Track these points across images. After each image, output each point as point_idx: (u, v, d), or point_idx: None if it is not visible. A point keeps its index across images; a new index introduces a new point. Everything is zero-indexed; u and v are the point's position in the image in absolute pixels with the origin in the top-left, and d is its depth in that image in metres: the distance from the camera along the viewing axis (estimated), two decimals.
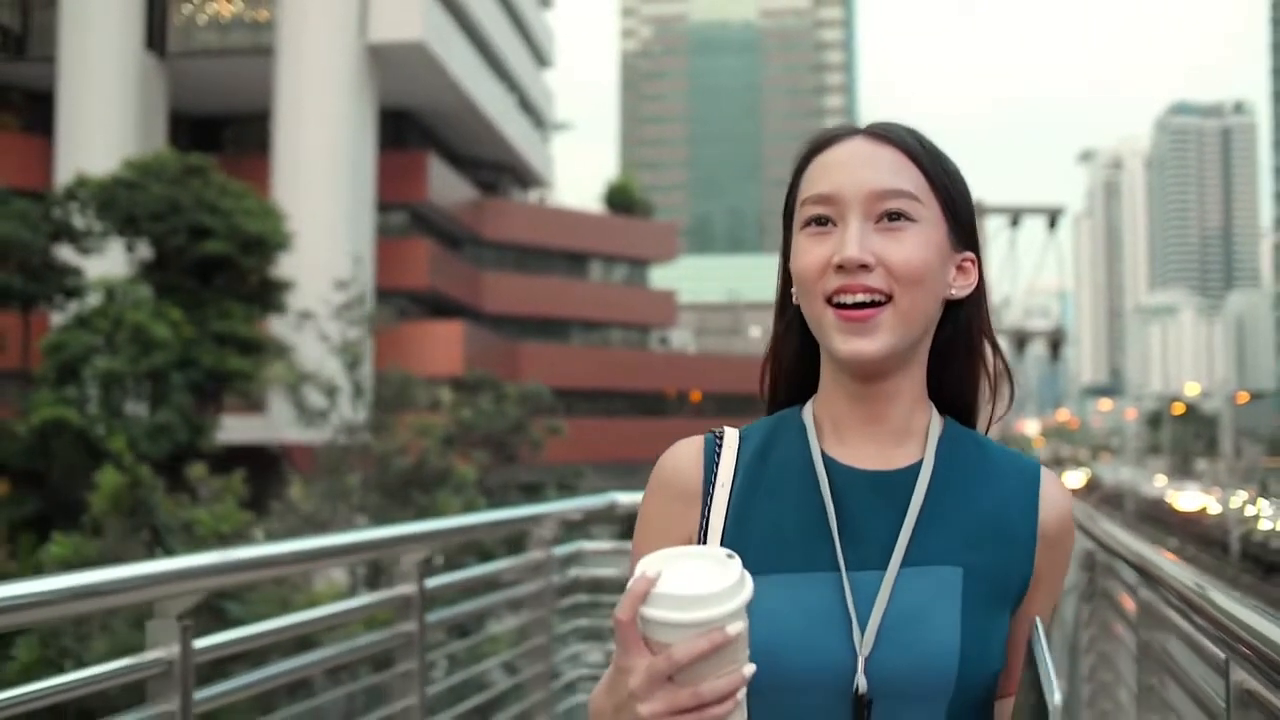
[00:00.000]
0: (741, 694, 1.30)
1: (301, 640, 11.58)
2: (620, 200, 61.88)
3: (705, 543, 1.54)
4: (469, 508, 21.97)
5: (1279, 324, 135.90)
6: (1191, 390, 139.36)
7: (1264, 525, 53.57)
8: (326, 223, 37.37)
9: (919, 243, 1.50)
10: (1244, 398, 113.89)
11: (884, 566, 1.49)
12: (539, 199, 62.93)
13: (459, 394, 32.84)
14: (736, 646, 1.29)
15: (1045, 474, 1.59)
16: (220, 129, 44.56)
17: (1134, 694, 4.38)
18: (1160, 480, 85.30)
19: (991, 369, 1.63)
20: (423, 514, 21.71)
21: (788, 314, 1.63)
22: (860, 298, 1.48)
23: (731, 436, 1.61)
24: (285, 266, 31.76)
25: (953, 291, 1.56)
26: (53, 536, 19.44)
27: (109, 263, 30.31)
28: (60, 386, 26.16)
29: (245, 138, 44.02)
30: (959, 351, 1.60)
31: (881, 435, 1.55)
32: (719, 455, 1.59)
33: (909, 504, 1.52)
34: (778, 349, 1.67)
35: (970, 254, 1.58)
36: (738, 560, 1.31)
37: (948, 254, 1.54)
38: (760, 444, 1.60)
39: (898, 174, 1.51)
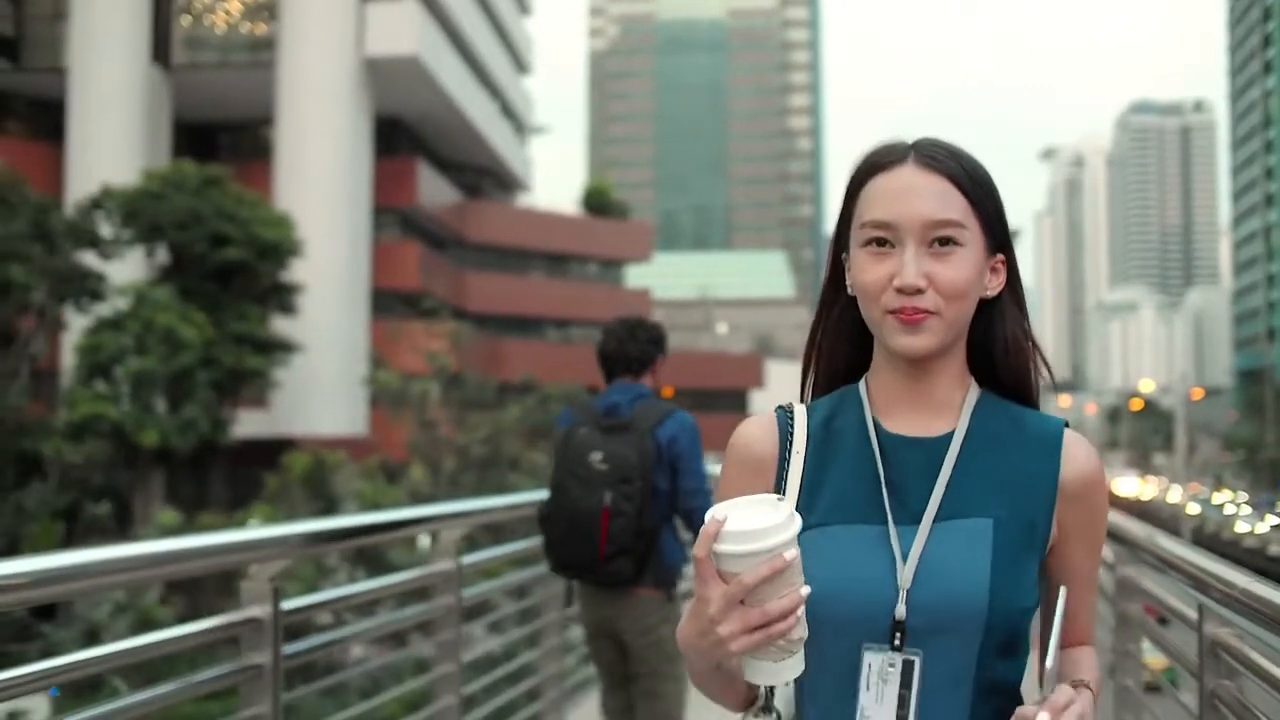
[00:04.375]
0: (801, 610, 1.47)
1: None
2: (597, 202, 63.39)
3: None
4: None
5: (1237, 321, 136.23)
6: (1147, 386, 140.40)
7: (1239, 525, 56.24)
8: (327, 228, 38.53)
9: (964, 265, 1.63)
10: (1199, 394, 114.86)
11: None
12: (516, 200, 64.16)
13: (507, 394, 35.87)
14: (793, 571, 1.45)
15: (1068, 434, 1.72)
16: (215, 136, 45.53)
17: (1110, 658, 4.72)
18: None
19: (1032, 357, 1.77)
20: (505, 490, 24.47)
21: (835, 308, 1.79)
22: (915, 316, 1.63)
23: (801, 412, 1.77)
24: (289, 269, 33.40)
25: (988, 292, 1.70)
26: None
27: (128, 267, 31.50)
28: (90, 384, 27.77)
29: (240, 144, 45.17)
30: (998, 343, 1.74)
31: (925, 407, 1.71)
32: (792, 428, 1.75)
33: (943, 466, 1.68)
34: (818, 337, 1.83)
35: (1001, 255, 1.71)
36: (787, 501, 1.50)
37: (985, 263, 1.68)
38: (825, 416, 1.76)
39: (947, 204, 1.64)
